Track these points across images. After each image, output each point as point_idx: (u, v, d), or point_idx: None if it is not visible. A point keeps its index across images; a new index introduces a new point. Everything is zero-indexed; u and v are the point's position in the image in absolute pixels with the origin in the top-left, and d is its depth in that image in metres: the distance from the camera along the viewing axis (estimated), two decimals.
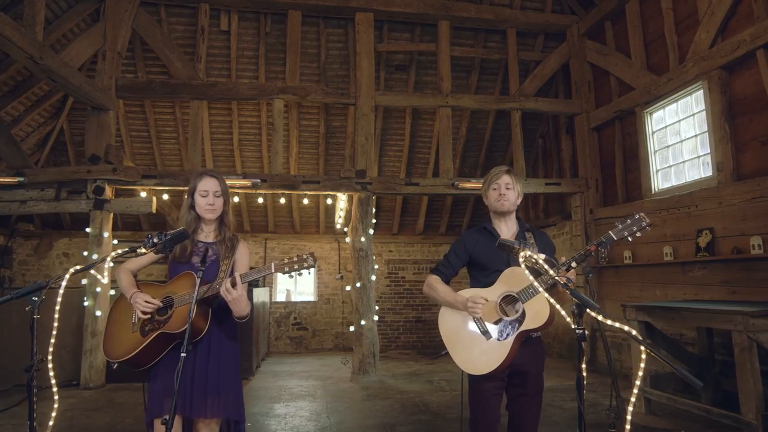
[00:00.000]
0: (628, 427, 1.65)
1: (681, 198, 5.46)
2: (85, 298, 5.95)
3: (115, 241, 6.32)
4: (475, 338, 2.37)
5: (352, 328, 6.76)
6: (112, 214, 6.24)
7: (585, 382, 1.71)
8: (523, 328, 2.31)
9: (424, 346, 9.62)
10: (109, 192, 6.16)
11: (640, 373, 1.69)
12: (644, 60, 6.22)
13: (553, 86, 8.27)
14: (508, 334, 2.32)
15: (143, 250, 2.02)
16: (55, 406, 1.89)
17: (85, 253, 6.10)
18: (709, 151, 5.26)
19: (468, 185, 7.06)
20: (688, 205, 5.35)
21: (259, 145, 8.43)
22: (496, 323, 2.34)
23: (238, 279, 2.10)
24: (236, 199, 8.57)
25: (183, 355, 1.86)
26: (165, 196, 7.84)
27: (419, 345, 9.66)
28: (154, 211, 6.31)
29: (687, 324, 4.47)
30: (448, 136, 7.21)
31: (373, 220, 6.99)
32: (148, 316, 2.16)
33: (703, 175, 5.41)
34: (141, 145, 8.12)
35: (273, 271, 2.11)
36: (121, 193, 6.89)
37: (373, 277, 6.80)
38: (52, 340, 1.83)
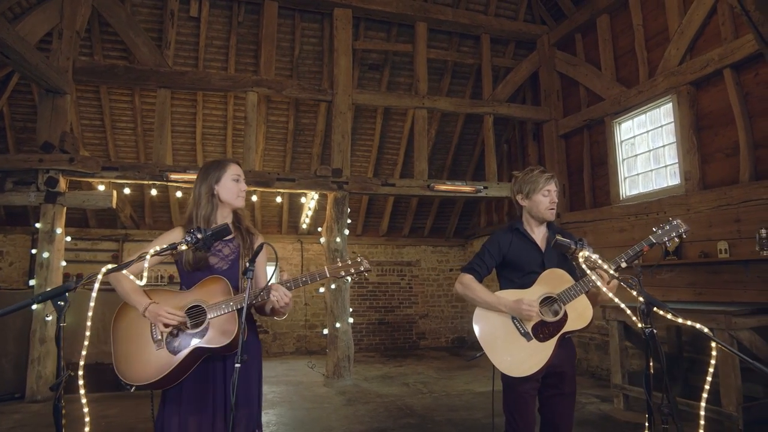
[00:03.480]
0: (702, 422, 1.67)
1: (650, 205, 5.77)
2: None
3: (69, 238, 5.76)
4: (516, 340, 2.34)
5: (326, 331, 6.58)
6: (65, 209, 5.68)
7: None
8: (566, 329, 2.31)
9: (387, 349, 9.56)
10: (63, 184, 5.60)
11: (711, 370, 1.72)
12: (614, 72, 6.53)
13: (521, 93, 8.50)
14: (549, 336, 2.31)
15: (184, 247, 1.81)
16: (86, 429, 1.65)
17: (34, 251, 5.50)
18: (676, 161, 5.60)
19: (443, 187, 7.09)
20: (656, 211, 5.66)
21: (223, 139, 8.02)
22: (536, 325, 2.32)
23: (281, 287, 1.94)
24: None
25: (237, 365, 1.68)
26: (126, 190, 7.25)
27: (382, 347, 9.58)
28: (114, 206, 5.80)
29: (667, 323, 4.70)
30: (423, 137, 7.20)
31: (349, 221, 6.85)
32: (170, 329, 1.92)
33: (670, 184, 5.75)
34: (93, 134, 7.45)
35: (328, 275, 1.96)
36: (73, 185, 6.29)
37: (349, 279, 6.64)
38: (84, 352, 1.59)
